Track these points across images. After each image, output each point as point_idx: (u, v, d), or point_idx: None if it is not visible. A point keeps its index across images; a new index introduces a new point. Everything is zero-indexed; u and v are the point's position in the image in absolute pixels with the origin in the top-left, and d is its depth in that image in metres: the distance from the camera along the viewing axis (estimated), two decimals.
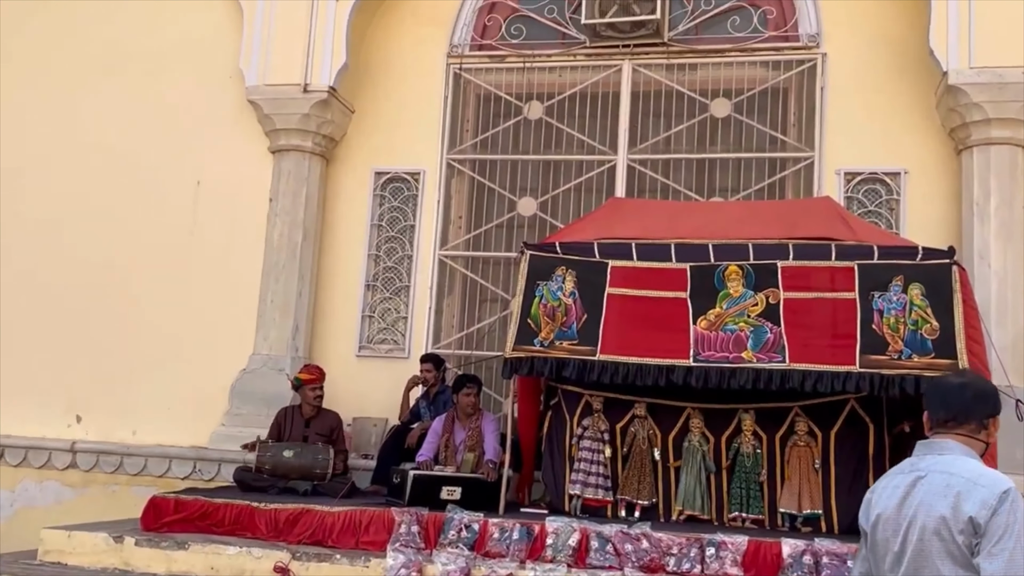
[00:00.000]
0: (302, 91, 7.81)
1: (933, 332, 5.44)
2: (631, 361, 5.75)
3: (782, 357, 5.57)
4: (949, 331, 5.42)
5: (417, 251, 8.02)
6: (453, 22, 8.18)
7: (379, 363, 7.90)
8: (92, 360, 8.08)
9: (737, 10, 7.73)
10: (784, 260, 5.75)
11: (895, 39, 7.35)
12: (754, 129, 7.63)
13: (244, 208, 8.05)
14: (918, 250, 5.72)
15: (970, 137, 6.84)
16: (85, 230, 8.28)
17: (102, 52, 8.52)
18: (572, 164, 7.94)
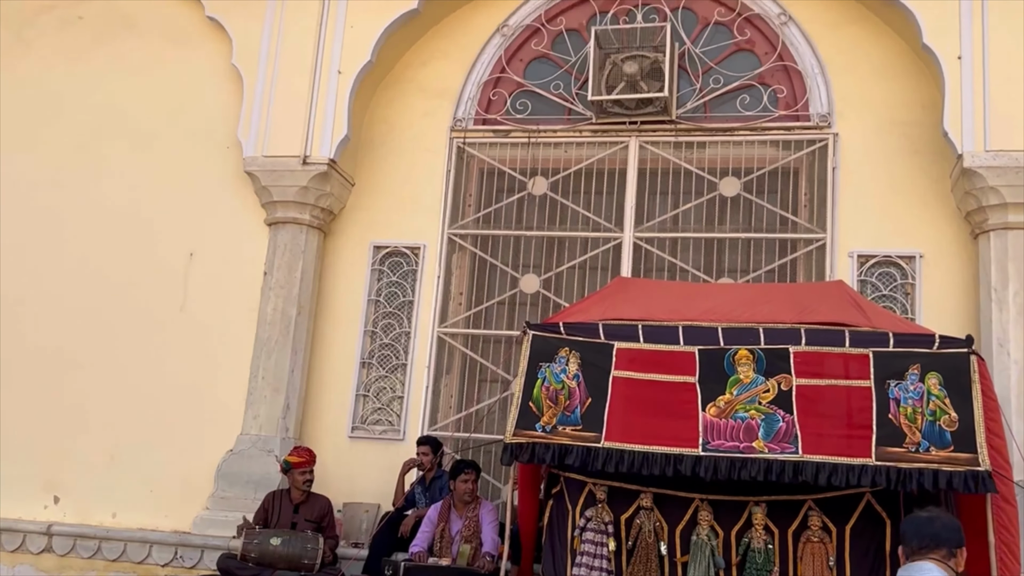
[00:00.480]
0: (301, 163, 7.89)
1: (952, 424, 5.41)
2: (637, 449, 5.68)
3: (795, 448, 5.52)
4: (968, 423, 5.38)
5: (415, 328, 8.01)
6: (457, 96, 8.31)
7: (373, 445, 7.84)
8: (72, 438, 8.04)
9: (747, 88, 7.84)
10: (796, 345, 5.74)
11: (908, 120, 7.46)
12: (764, 209, 7.68)
13: (237, 281, 8.08)
14: (935, 338, 5.71)
15: (987, 221, 6.88)
16: (71, 302, 8.31)
17: (99, 119, 8.66)
18: (577, 241, 7.98)
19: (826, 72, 7.70)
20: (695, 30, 8.02)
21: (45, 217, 8.54)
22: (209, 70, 8.50)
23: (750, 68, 7.89)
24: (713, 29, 8.01)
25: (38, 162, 8.68)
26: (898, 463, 5.38)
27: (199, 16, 8.49)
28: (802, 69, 7.75)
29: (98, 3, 8.91)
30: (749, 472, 5.54)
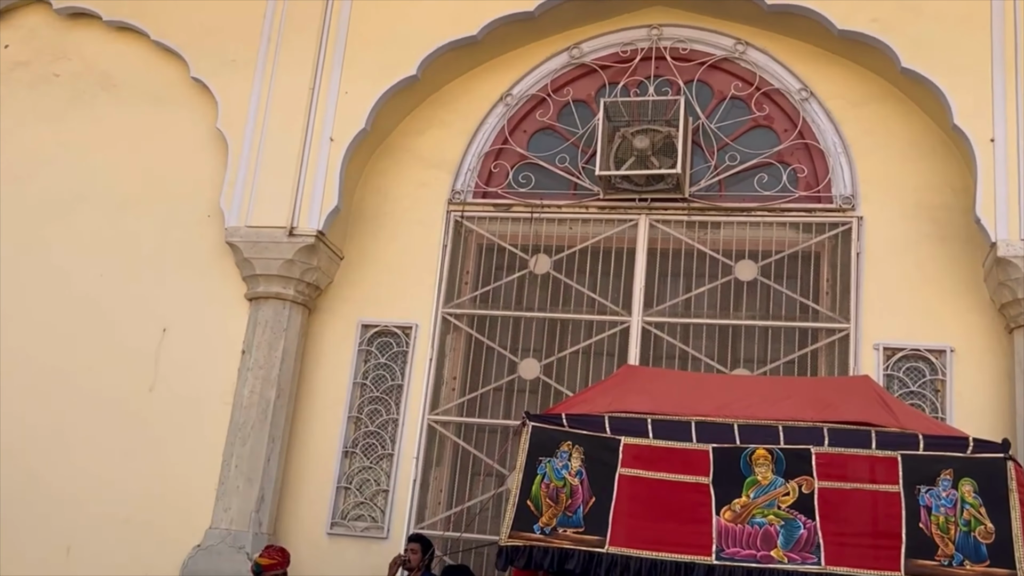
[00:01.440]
0: (287, 235, 7.91)
1: (988, 536, 5.35)
2: (645, 555, 5.60)
3: (817, 558, 5.44)
4: (1006, 535, 5.32)
5: (404, 414, 7.96)
6: (456, 167, 8.39)
7: (354, 543, 7.73)
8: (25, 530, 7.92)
9: (765, 167, 7.92)
10: (819, 446, 5.70)
11: (937, 204, 7.52)
12: (783, 295, 7.69)
13: (213, 360, 8.05)
14: (969, 441, 5.67)
15: (1022, 315, 6.91)
16: (30, 378, 8.27)
17: (72, 182, 8.73)
18: (581, 324, 7.97)
19: (850, 151, 7.78)
20: (710, 104, 8.13)
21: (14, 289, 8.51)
22: (192, 134, 8.58)
23: (769, 145, 7.97)
24: (729, 103, 8.11)
25: (9, 229, 8.69)
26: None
27: (183, 77, 8.61)
28: (824, 148, 7.84)
29: (76, 61, 9.05)
30: None
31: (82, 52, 9.06)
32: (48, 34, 9.18)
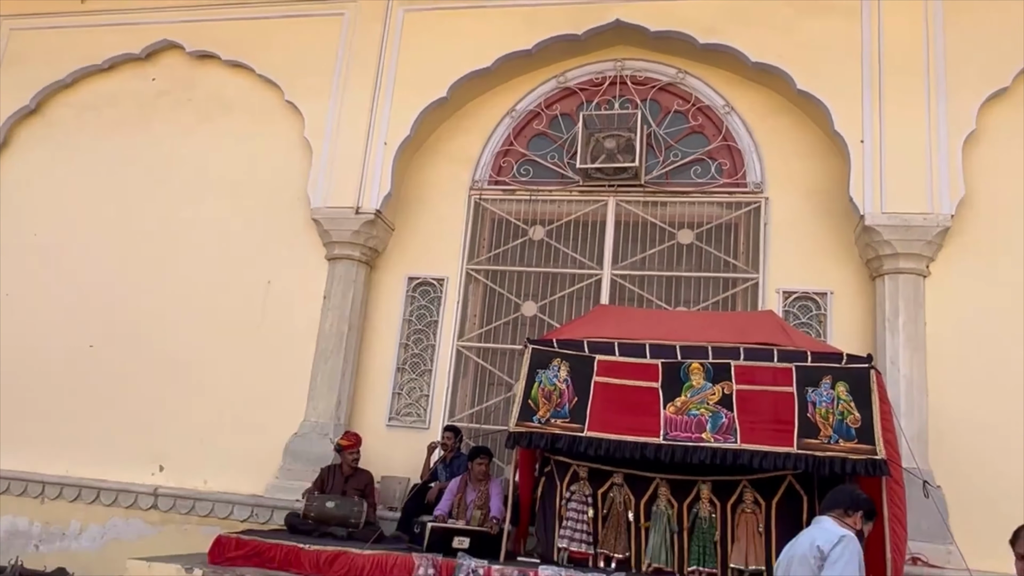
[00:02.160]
0: (354, 212, 7.93)
1: (856, 422, 5.42)
2: (612, 438, 5.69)
3: (734, 439, 5.52)
4: (868, 422, 5.40)
5: (439, 342, 7.99)
6: (475, 162, 8.35)
7: (404, 432, 7.81)
8: (173, 422, 8.03)
9: (699, 161, 7.88)
10: (736, 360, 5.77)
11: (822, 189, 7.49)
12: (711, 255, 7.69)
13: (303, 303, 8.07)
14: (843, 356, 5.74)
15: (882, 267, 6.91)
16: (179, 317, 8.32)
17: (201, 178, 8.70)
18: (567, 276, 7.98)
19: (760, 150, 7.74)
20: (660, 116, 8.08)
21: (161, 254, 8.56)
22: (285, 141, 8.53)
23: (701, 146, 7.93)
24: (673, 116, 8.06)
25: (157, 209, 8.71)
26: (814, 452, 5.40)
27: (279, 100, 8.56)
28: (741, 148, 7.80)
29: (203, 89, 8.98)
30: (699, 457, 5.55)
31: (206, 83, 9.00)
32: (183, 70, 9.11)
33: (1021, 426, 6.46)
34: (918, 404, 6.57)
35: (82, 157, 9.08)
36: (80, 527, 7.92)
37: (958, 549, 5.94)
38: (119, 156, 8.97)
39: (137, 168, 8.89)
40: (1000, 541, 6.22)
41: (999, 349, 6.66)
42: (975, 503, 6.31)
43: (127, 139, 9.02)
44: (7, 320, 8.70)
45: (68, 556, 7.73)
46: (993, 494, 6.32)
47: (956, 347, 6.74)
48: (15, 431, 8.26)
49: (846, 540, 3.50)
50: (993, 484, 6.36)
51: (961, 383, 6.66)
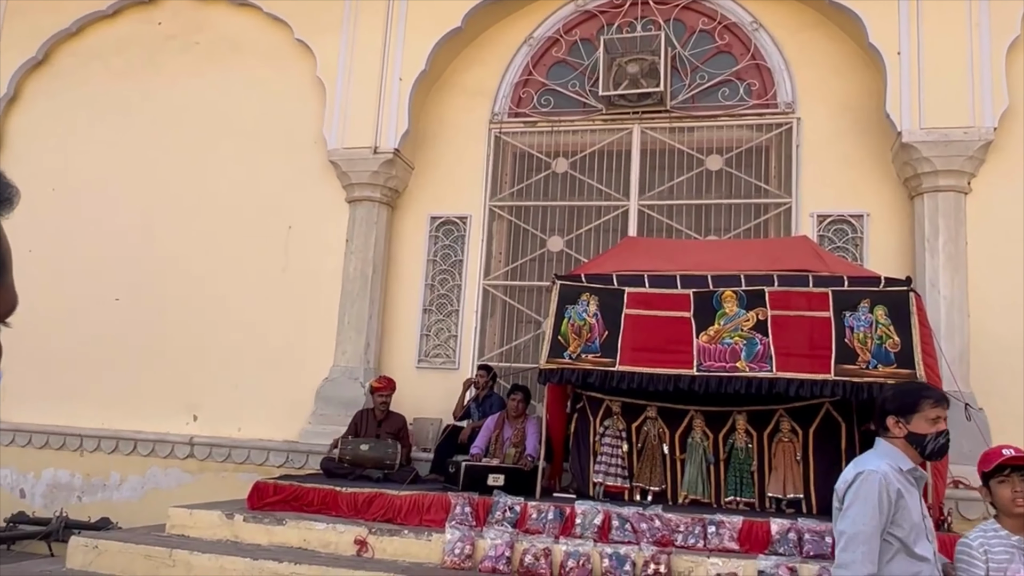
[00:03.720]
0: (372, 152, 7.90)
1: (895, 346, 5.43)
2: (644, 371, 5.75)
3: (769, 367, 5.55)
4: (908, 346, 5.41)
5: (465, 281, 8.03)
6: (494, 95, 8.25)
7: (434, 373, 7.91)
8: (206, 372, 8.18)
9: (727, 83, 7.73)
10: (770, 287, 5.76)
11: (857, 106, 7.33)
12: (742, 180, 7.60)
13: (326, 246, 8.12)
14: (881, 279, 5.71)
15: (921, 185, 6.80)
16: (203, 266, 8.40)
17: (215, 122, 8.67)
18: (592, 209, 7.95)
19: (790, 68, 7.57)
20: (684, 37, 7.90)
21: (179, 202, 8.61)
22: (298, 81, 8.46)
23: (729, 66, 7.76)
24: (699, 36, 7.88)
25: (172, 157, 8.72)
26: (851, 378, 5.43)
27: (289, 38, 8.45)
28: (771, 66, 7.63)
29: (210, 31, 8.90)
30: (734, 387, 5.60)
31: (214, 24, 8.90)
32: (188, 13, 9.01)
33: None
34: (959, 326, 6.53)
35: (92, 106, 9.09)
36: (120, 478, 8.19)
37: None
38: (130, 104, 8.96)
39: (149, 115, 8.88)
40: None
41: None
42: (1017, 424, 6.30)
43: (137, 86, 9.00)
44: (34, 276, 8.79)
45: (110, 506, 8.02)
46: None
47: (999, 267, 6.65)
48: (50, 387, 8.47)
49: (860, 479, 2.59)
50: None
51: (1004, 304, 6.60)
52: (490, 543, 5.13)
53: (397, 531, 5.45)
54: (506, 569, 5.03)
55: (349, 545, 5.40)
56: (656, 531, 5.21)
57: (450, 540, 5.20)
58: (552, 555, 5.03)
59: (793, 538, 5.09)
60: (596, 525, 5.30)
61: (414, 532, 5.42)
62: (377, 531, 5.44)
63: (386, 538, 5.39)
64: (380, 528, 5.49)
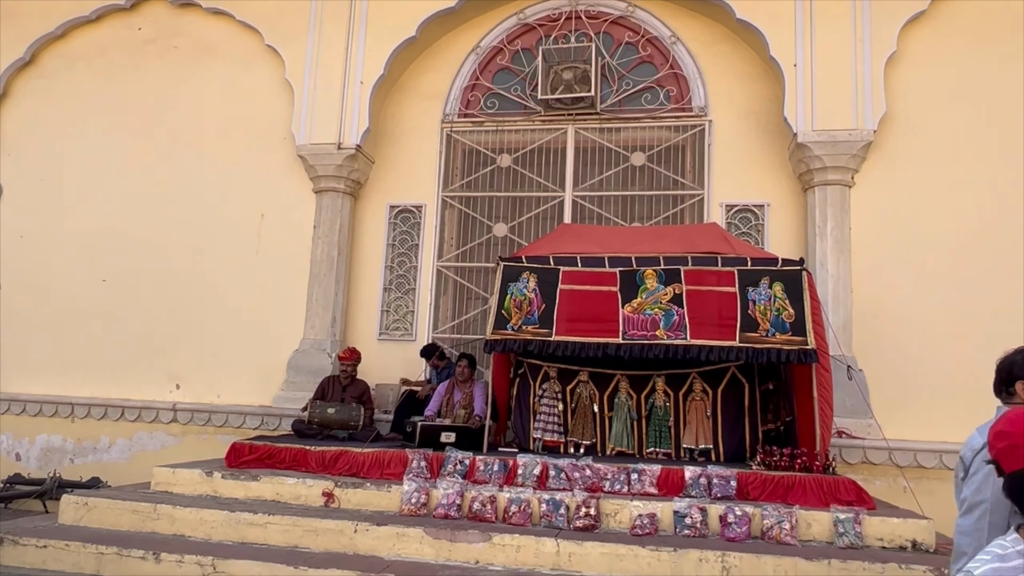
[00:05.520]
0: (337, 148, 7.73)
1: (790, 317, 5.53)
2: (577, 340, 5.76)
3: (684, 335, 5.61)
4: (801, 317, 5.52)
5: (420, 263, 7.94)
6: (446, 97, 8.12)
7: (394, 345, 7.82)
8: (188, 345, 7.97)
9: (649, 89, 7.73)
10: (685, 266, 5.81)
11: (760, 110, 7.42)
12: (661, 174, 7.63)
13: (295, 232, 7.94)
14: (778, 260, 5.80)
15: (813, 179, 6.92)
16: (183, 250, 8.15)
17: (194, 120, 8.38)
18: (532, 199, 7.90)
19: (703, 77, 7.61)
20: (612, 48, 7.87)
21: (161, 192, 8.31)
22: (268, 84, 8.22)
23: (651, 74, 7.77)
24: (625, 47, 7.86)
25: (153, 151, 8.40)
26: (754, 344, 5.52)
27: (260, 44, 8.19)
28: (686, 75, 7.66)
29: (187, 37, 8.57)
30: (654, 352, 5.65)
31: (191, 30, 8.57)
32: (167, 18, 8.66)
33: (934, 316, 6.63)
34: (843, 300, 6.69)
35: (78, 104, 8.70)
36: (109, 441, 7.94)
37: (876, 422, 6.17)
38: (113, 102, 8.61)
39: (131, 113, 8.54)
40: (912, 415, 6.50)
41: (916, 249, 6.76)
42: (892, 383, 6.52)
43: (119, 86, 8.64)
44: (26, 260, 8.49)
45: (101, 467, 7.79)
46: (907, 375, 6.54)
47: (877, 249, 6.82)
48: (44, 360, 8.19)
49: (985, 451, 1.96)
50: (908, 366, 6.57)
51: (882, 280, 6.78)
52: (442, 492, 5.12)
53: (360, 484, 5.39)
54: (456, 515, 5.02)
55: (317, 497, 5.33)
56: (587, 479, 5.25)
57: (407, 491, 5.16)
58: (497, 501, 5.03)
59: (704, 483, 5.18)
60: (535, 475, 5.32)
61: (375, 484, 5.38)
62: (343, 484, 5.38)
63: (351, 490, 5.34)
64: (345, 482, 5.42)
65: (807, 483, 5.11)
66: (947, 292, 6.63)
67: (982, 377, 6.68)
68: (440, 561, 4.62)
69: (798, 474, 5.20)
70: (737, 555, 4.40)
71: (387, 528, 4.77)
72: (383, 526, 4.79)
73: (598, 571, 4.45)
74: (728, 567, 4.37)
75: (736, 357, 5.67)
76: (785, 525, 4.70)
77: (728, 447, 6.05)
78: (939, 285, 6.65)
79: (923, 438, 6.35)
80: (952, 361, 6.47)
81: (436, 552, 4.66)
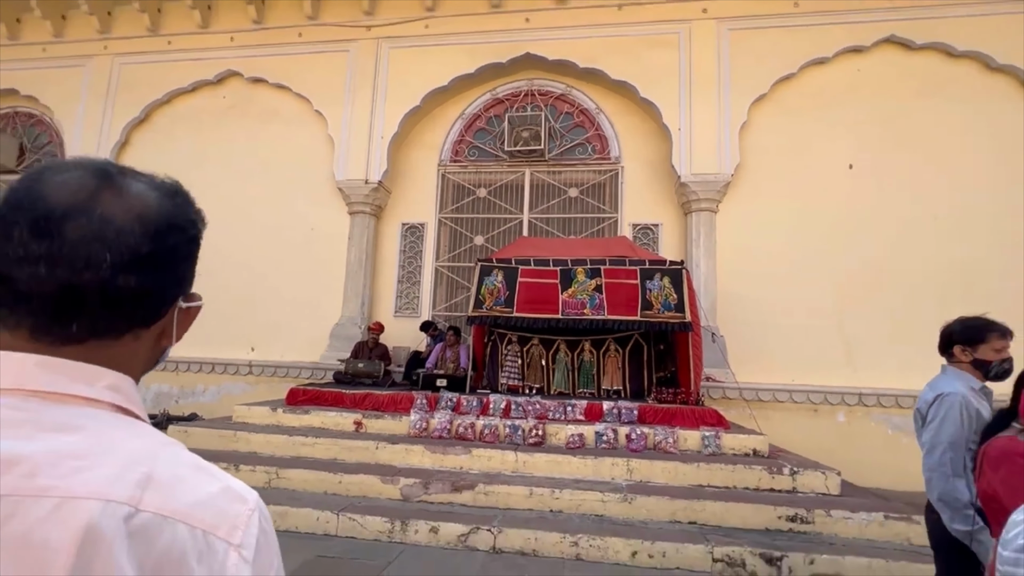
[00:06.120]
0: (364, 183, 7.64)
1: (674, 300, 5.60)
2: (530, 316, 5.79)
3: (603, 313, 5.66)
4: (681, 300, 5.59)
5: (423, 263, 7.88)
6: (441, 147, 8.05)
7: (405, 320, 7.75)
8: (259, 318, 7.81)
9: (580, 144, 7.74)
10: (604, 266, 5.86)
11: (656, 159, 7.46)
12: (589, 203, 7.65)
13: (335, 242, 7.82)
14: (666, 262, 5.88)
15: (691, 207, 7.00)
16: (258, 253, 7.98)
17: (263, 167, 8.19)
18: (501, 219, 7.87)
19: (619, 136, 7.63)
20: (557, 115, 7.86)
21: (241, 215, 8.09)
22: (316, 136, 8.06)
23: (583, 134, 7.78)
24: (564, 115, 7.85)
25: (235, 187, 8.19)
26: (650, 319, 5.57)
27: (309, 109, 8.04)
28: (607, 135, 7.69)
29: (258, 104, 8.35)
30: (583, 325, 5.69)
31: (261, 99, 8.36)
32: (243, 90, 8.43)
33: (770, 299, 6.75)
34: (710, 289, 6.78)
35: (179, 152, 8.44)
36: (204, 388, 7.78)
37: (731, 371, 6.31)
38: (204, 151, 8.39)
39: (218, 160, 8.33)
40: (756, 365, 6.63)
41: (759, 255, 6.86)
42: (743, 343, 6.65)
43: (208, 138, 8.42)
44: None
45: (198, 406, 7.63)
46: (753, 338, 6.67)
47: (734, 254, 6.91)
48: None
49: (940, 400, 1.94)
50: (753, 333, 6.69)
51: (737, 274, 6.86)
52: (437, 421, 5.12)
53: (381, 416, 5.37)
54: (448, 436, 5.03)
55: (350, 425, 5.30)
56: (537, 410, 5.29)
57: (413, 420, 5.15)
58: (475, 427, 5.05)
59: (615, 412, 5.24)
60: (501, 408, 5.34)
61: (391, 416, 5.36)
62: (368, 416, 5.35)
63: (374, 420, 5.31)
64: (370, 414, 5.39)
65: (685, 412, 5.21)
66: (779, 284, 6.77)
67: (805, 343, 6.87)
68: (435, 467, 4.64)
69: (679, 406, 5.30)
70: (637, 460, 4.49)
71: (399, 446, 4.76)
72: (396, 444, 4.78)
73: (544, 472, 4.51)
74: (631, 469, 4.46)
75: (638, 328, 5.74)
76: (670, 440, 4.79)
77: (632, 388, 6.13)
78: (774, 279, 6.79)
79: (763, 381, 6.51)
80: (784, 332, 6.63)
81: (433, 461, 4.67)
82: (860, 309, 6.57)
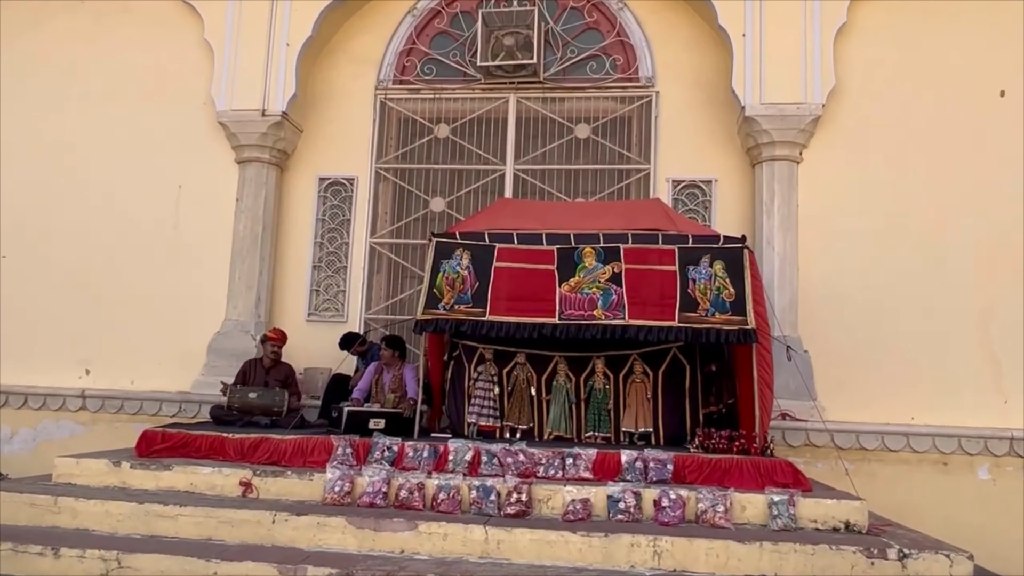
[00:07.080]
0: (261, 115, 7.63)
1: (730, 296, 5.64)
2: (511, 320, 5.79)
3: (622, 315, 5.69)
4: (741, 296, 5.63)
5: (352, 239, 7.91)
6: (379, 62, 8.07)
7: (324, 326, 7.77)
8: (98, 325, 7.82)
9: (594, 57, 7.79)
10: (625, 244, 5.88)
11: (708, 81, 7.54)
12: (607, 148, 7.71)
13: (216, 206, 7.82)
14: (720, 237, 5.92)
15: (761, 155, 7.08)
16: (95, 225, 7.98)
17: (106, 85, 8.17)
18: (472, 172, 7.92)
19: (651, 45, 7.70)
20: (557, 13, 7.91)
21: (71, 162, 8.09)
22: (186, 44, 8.03)
23: (596, 42, 7.83)
24: (570, 12, 7.90)
25: (62, 118, 8.17)
26: (693, 324, 5.61)
27: (178, 3, 8.01)
28: (633, 43, 7.74)
29: None
30: (591, 333, 5.71)
31: None
32: None
33: (882, 296, 6.84)
34: (789, 279, 6.87)
35: None
36: (11, 432, 7.76)
37: (818, 404, 6.40)
38: (16, 64, 8.33)
39: (37, 76, 8.28)
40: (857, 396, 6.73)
41: (864, 228, 6.95)
42: (837, 364, 6.74)
43: (23, 46, 8.35)
44: None
45: (2, 460, 7.61)
46: (853, 356, 6.77)
47: (825, 227, 7.00)
48: None
49: None
50: (853, 348, 6.79)
51: (829, 259, 6.97)
52: (368, 480, 5.13)
53: (281, 472, 5.36)
54: (383, 503, 5.05)
55: (234, 487, 5.28)
56: (520, 464, 5.31)
57: (331, 479, 5.16)
58: (425, 488, 5.06)
59: (640, 466, 5.27)
60: (467, 461, 5.36)
61: (297, 473, 5.36)
62: (262, 473, 5.34)
63: (270, 479, 5.31)
64: (265, 470, 5.38)
65: (744, 466, 5.27)
66: (895, 272, 6.85)
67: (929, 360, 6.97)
68: (363, 551, 4.65)
69: (736, 457, 5.34)
70: (669, 539, 4.52)
71: (307, 518, 4.77)
72: (303, 516, 4.78)
73: (527, 558, 4.53)
74: (660, 551, 4.50)
75: (676, 337, 5.73)
76: (719, 508, 4.85)
77: (668, 430, 6.19)
78: (888, 265, 6.87)
79: (866, 420, 6.60)
80: (898, 343, 6.73)
81: (359, 542, 4.69)
82: (1016, 306, 6.66)
